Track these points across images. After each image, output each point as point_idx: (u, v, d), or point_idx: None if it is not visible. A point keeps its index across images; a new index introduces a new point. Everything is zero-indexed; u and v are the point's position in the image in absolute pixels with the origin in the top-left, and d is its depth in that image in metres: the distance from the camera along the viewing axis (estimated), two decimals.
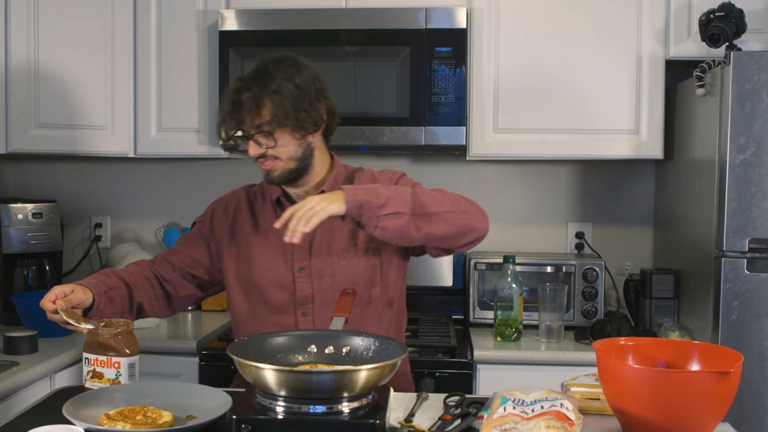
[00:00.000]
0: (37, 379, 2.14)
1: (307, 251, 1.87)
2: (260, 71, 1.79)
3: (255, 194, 1.99)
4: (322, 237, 1.87)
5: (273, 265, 1.88)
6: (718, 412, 1.36)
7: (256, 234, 1.92)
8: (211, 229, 1.97)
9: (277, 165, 1.81)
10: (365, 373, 1.31)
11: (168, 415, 1.45)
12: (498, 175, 3.04)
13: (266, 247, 1.90)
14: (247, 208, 1.96)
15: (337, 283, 1.85)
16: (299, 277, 1.87)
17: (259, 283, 1.89)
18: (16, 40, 2.53)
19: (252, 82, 1.78)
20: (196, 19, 2.75)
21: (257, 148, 1.79)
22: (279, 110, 1.75)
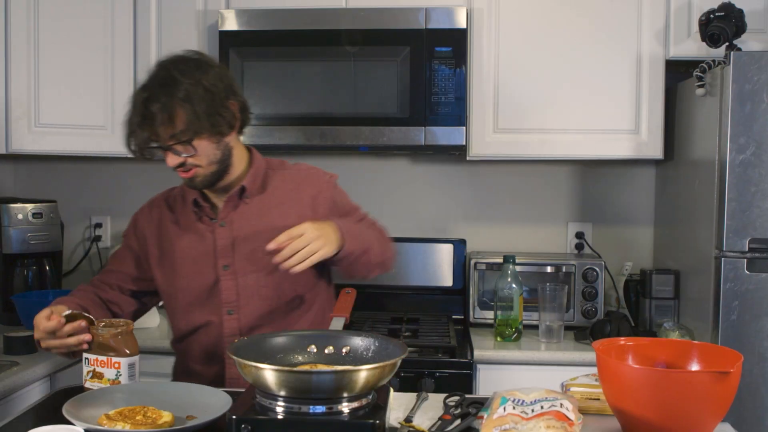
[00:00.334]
0: (37, 379, 2.14)
1: (231, 248, 1.85)
2: (165, 78, 1.73)
3: (174, 198, 1.96)
4: (245, 233, 1.85)
5: (196, 266, 1.86)
6: (718, 412, 1.36)
7: (177, 236, 1.89)
8: (137, 239, 1.95)
9: (198, 172, 1.78)
10: (365, 373, 1.31)
11: (168, 415, 1.45)
12: (498, 175, 3.04)
13: (188, 247, 1.87)
14: (168, 212, 1.93)
15: (261, 280, 1.83)
16: (224, 275, 1.84)
17: (183, 285, 1.87)
18: (16, 40, 2.53)
19: (159, 91, 1.71)
20: (196, 19, 2.75)
21: (176, 158, 1.76)
22: (192, 119, 1.71)
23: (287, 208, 1.87)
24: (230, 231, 1.85)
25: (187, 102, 1.70)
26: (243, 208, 1.86)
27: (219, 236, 1.85)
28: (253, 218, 1.86)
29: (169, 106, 1.70)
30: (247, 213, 1.86)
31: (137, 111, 1.72)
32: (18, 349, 2.25)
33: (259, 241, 1.79)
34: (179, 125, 1.71)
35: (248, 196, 1.86)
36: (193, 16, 2.75)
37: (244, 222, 1.86)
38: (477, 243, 3.02)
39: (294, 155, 3.03)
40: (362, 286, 2.87)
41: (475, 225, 3.05)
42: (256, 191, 1.88)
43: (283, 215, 1.85)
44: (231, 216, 1.86)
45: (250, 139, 2.60)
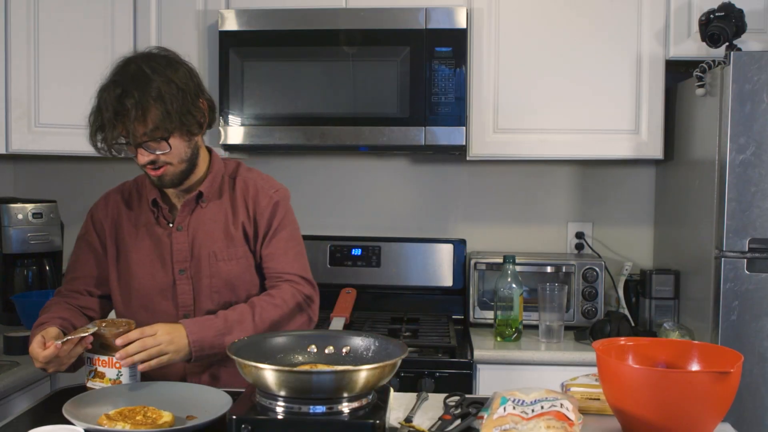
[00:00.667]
0: (37, 379, 2.14)
1: (188, 253, 1.84)
2: (136, 74, 1.71)
3: (130, 193, 1.93)
4: (201, 238, 1.84)
5: (152, 269, 1.84)
6: (718, 412, 1.36)
7: (134, 236, 1.87)
8: (97, 235, 1.91)
9: (168, 170, 1.77)
10: (365, 373, 1.31)
11: (168, 415, 1.45)
12: (498, 175, 3.04)
13: (145, 249, 1.85)
14: (125, 209, 1.91)
15: (215, 284, 1.83)
16: (179, 279, 1.83)
17: (138, 287, 1.85)
18: (16, 41, 2.53)
19: (131, 86, 1.68)
20: (196, 19, 2.75)
21: (148, 155, 1.74)
22: (165, 117, 1.69)
23: (238, 213, 1.87)
24: (187, 236, 1.84)
25: (160, 100, 1.69)
26: (199, 212, 1.86)
27: (176, 240, 1.84)
28: (209, 223, 1.85)
29: (143, 103, 1.67)
30: (203, 218, 1.85)
31: (109, 106, 1.68)
32: (18, 349, 2.25)
33: (214, 245, 1.83)
34: (152, 122, 1.70)
35: (205, 201, 1.86)
36: (193, 16, 2.75)
37: (200, 227, 1.85)
38: (477, 243, 3.02)
39: (294, 155, 3.03)
40: (362, 286, 2.89)
41: (475, 225, 3.05)
42: (212, 196, 1.87)
43: (235, 221, 1.86)
44: (188, 220, 1.85)
45: (250, 139, 2.60)
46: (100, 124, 1.71)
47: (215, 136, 2.73)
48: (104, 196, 1.96)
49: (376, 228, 3.02)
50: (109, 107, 1.68)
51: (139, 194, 1.92)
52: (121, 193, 1.94)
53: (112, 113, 1.68)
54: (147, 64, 1.72)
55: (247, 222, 1.87)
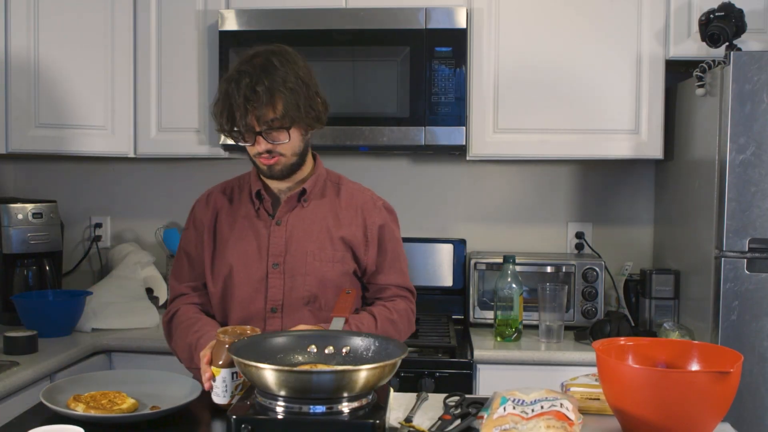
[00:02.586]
0: (37, 379, 2.14)
1: (284, 247, 1.87)
2: (265, 65, 1.77)
3: (232, 189, 1.98)
4: (298, 235, 1.87)
5: (247, 259, 1.87)
6: (718, 412, 1.36)
7: (231, 228, 1.91)
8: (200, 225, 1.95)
9: (280, 160, 1.82)
10: (365, 373, 1.31)
11: (132, 402, 1.51)
12: (498, 175, 3.04)
13: (243, 241, 1.89)
14: (225, 202, 1.95)
15: (308, 283, 1.85)
16: (272, 273, 1.86)
17: (235, 278, 1.88)
18: (16, 41, 2.53)
19: (261, 75, 1.75)
20: (196, 19, 2.75)
21: (265, 143, 1.78)
22: (292, 106, 1.75)
23: (342, 219, 1.91)
24: (285, 231, 1.88)
25: (288, 90, 1.75)
26: (299, 210, 1.90)
27: (273, 234, 1.87)
28: (308, 221, 1.89)
29: (272, 90, 1.73)
30: (303, 215, 1.89)
31: (240, 92, 1.73)
32: (18, 349, 2.25)
33: (312, 245, 1.86)
34: (278, 110, 1.75)
35: (307, 200, 1.90)
36: (193, 16, 2.75)
37: (299, 224, 1.88)
38: (477, 243, 3.02)
39: None
40: None
41: (475, 225, 3.05)
42: (315, 196, 1.91)
43: (337, 225, 1.90)
44: (287, 216, 1.89)
45: None
46: (229, 111, 1.76)
47: (215, 136, 2.73)
48: (206, 193, 2.01)
49: None
50: (240, 94, 1.73)
51: (240, 189, 1.96)
52: (223, 190, 1.99)
53: (242, 99, 1.73)
54: (274, 57, 1.78)
55: (354, 230, 1.90)
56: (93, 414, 1.45)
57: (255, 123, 1.76)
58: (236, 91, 1.74)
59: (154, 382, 1.66)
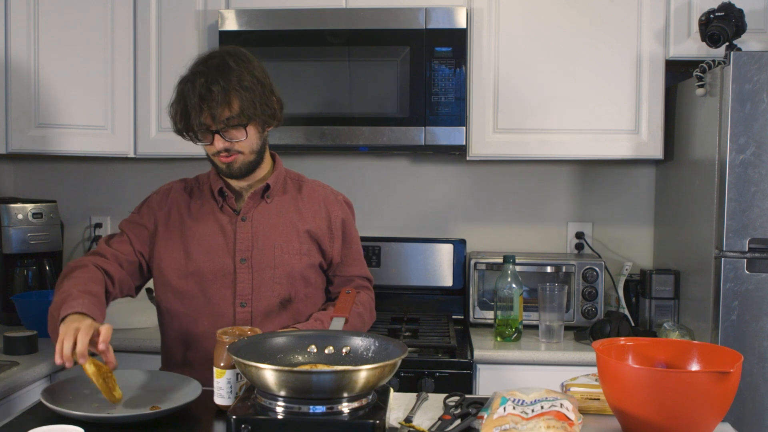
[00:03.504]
0: (37, 379, 2.14)
1: (250, 242, 1.88)
2: (220, 65, 1.79)
3: (191, 187, 1.99)
4: (264, 230, 1.89)
5: (214, 255, 1.88)
6: (718, 412, 1.36)
7: (195, 223, 1.92)
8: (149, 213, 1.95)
9: (238, 158, 1.84)
10: (365, 373, 1.31)
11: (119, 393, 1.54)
12: (498, 175, 3.04)
13: (207, 234, 1.90)
14: (186, 197, 1.96)
15: (277, 276, 1.87)
16: (240, 268, 1.87)
17: (197, 270, 1.88)
18: (16, 41, 2.53)
19: (216, 74, 1.77)
20: (196, 19, 2.75)
21: (223, 142, 1.80)
22: (247, 104, 1.78)
23: (305, 214, 1.94)
24: (251, 226, 1.89)
25: (243, 88, 1.78)
26: (264, 206, 1.92)
27: (240, 230, 1.89)
28: (273, 216, 1.91)
29: (228, 90, 1.76)
30: (268, 211, 1.92)
31: (195, 91, 1.76)
32: (18, 349, 2.25)
33: (278, 238, 1.89)
34: (234, 109, 1.78)
35: (270, 196, 1.92)
36: (193, 16, 2.75)
37: (265, 219, 1.91)
38: (477, 243, 3.02)
39: (294, 155, 3.03)
40: None
41: (475, 225, 3.05)
42: (277, 192, 1.94)
43: (302, 219, 1.93)
44: (252, 212, 1.91)
45: None
46: (184, 111, 1.79)
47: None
48: (166, 186, 2.02)
49: (376, 228, 3.02)
50: (195, 93, 1.76)
51: (200, 188, 1.98)
52: (184, 184, 2.01)
53: (197, 98, 1.76)
54: (229, 57, 1.81)
55: (318, 223, 1.94)
56: (93, 414, 1.45)
57: (211, 122, 1.78)
58: (191, 91, 1.77)
59: (154, 382, 1.66)
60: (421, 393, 1.65)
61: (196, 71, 1.80)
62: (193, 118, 1.77)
